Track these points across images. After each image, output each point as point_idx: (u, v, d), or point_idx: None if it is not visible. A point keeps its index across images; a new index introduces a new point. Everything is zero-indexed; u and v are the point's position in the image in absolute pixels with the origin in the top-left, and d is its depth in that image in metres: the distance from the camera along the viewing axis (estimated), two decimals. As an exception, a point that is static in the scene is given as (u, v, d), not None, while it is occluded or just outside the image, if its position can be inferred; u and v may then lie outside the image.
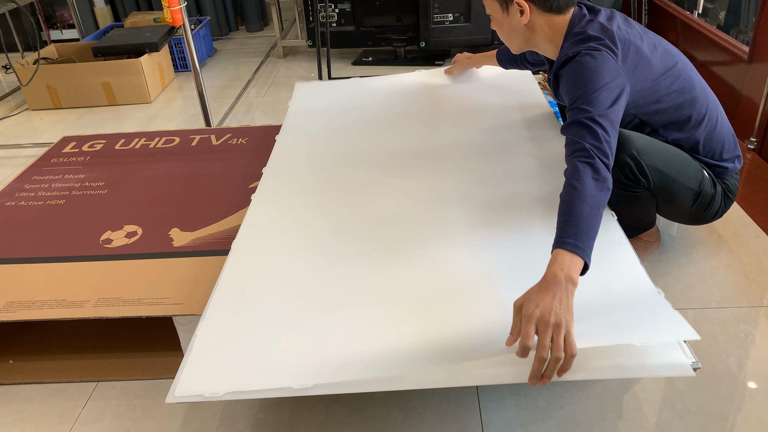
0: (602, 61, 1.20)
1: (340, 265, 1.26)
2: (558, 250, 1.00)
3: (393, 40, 3.19)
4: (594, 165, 1.09)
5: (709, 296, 1.44)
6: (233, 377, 1.00)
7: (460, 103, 1.89)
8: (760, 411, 1.15)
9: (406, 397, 1.22)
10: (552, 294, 0.95)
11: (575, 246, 0.99)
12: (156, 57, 3.04)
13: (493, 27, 1.39)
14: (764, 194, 1.82)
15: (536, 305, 0.94)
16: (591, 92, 1.16)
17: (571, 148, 1.14)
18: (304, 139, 1.81)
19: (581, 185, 1.06)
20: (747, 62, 2.11)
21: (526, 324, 0.93)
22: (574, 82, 1.21)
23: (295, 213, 1.45)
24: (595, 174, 1.08)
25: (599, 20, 1.29)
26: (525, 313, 0.94)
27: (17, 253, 1.54)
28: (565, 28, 1.30)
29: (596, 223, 1.04)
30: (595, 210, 1.04)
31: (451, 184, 1.49)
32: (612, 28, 1.26)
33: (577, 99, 1.18)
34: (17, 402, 1.30)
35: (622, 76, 1.21)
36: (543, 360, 0.93)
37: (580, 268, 0.99)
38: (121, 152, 2.08)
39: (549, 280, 0.97)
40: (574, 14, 1.31)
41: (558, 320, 0.92)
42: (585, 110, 1.15)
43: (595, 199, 1.05)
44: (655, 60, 1.29)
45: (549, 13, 1.29)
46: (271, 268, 1.27)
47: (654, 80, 1.29)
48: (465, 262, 1.22)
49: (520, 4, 1.27)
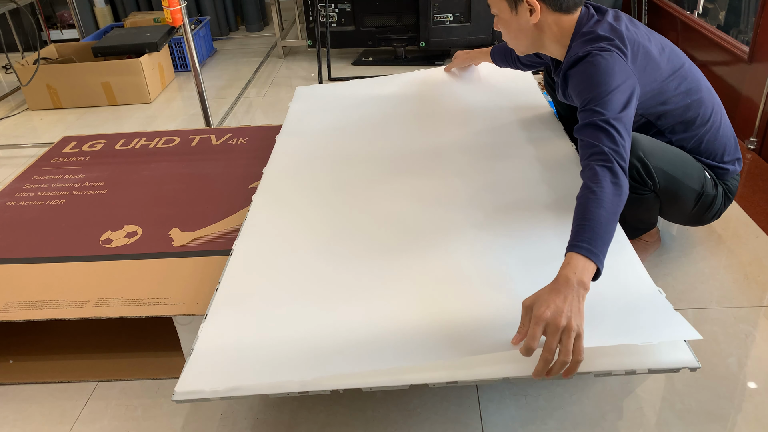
0: (613, 62, 1.19)
1: (342, 265, 1.26)
2: (572, 253, 0.99)
3: (393, 40, 3.19)
4: (613, 169, 1.08)
5: (709, 296, 1.44)
6: (236, 376, 1.00)
7: (460, 103, 1.89)
8: (760, 411, 1.15)
9: (406, 397, 1.22)
10: (563, 296, 0.94)
11: (589, 251, 0.98)
12: (156, 57, 3.04)
13: (497, 27, 1.38)
14: (764, 194, 1.82)
15: (547, 307, 0.93)
16: (604, 94, 1.16)
17: (589, 150, 1.12)
18: (305, 139, 1.81)
19: (599, 189, 1.05)
20: (747, 62, 2.11)
21: (534, 325, 0.93)
22: (586, 83, 1.20)
23: (296, 213, 1.45)
24: (614, 178, 1.07)
25: (607, 20, 1.28)
26: (535, 313, 0.94)
27: (17, 253, 1.54)
28: (573, 27, 1.30)
29: (612, 229, 1.03)
30: (612, 216, 1.04)
31: (451, 184, 1.49)
32: (621, 29, 1.26)
33: (590, 101, 1.17)
34: (17, 402, 1.30)
35: (633, 77, 1.21)
36: (548, 362, 0.93)
37: (592, 273, 0.98)
38: (121, 152, 2.08)
39: (561, 282, 0.96)
40: (582, 14, 1.30)
41: (569, 324, 0.91)
42: (599, 113, 1.14)
43: (613, 204, 1.05)
44: (662, 61, 1.29)
45: (558, 13, 1.29)
46: (272, 268, 1.27)
47: (662, 81, 1.29)
48: (467, 262, 1.22)
49: (531, 3, 1.26)
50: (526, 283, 1.11)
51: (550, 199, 1.38)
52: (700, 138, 1.35)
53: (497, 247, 1.25)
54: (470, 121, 1.78)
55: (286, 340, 1.08)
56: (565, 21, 1.30)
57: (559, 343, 0.92)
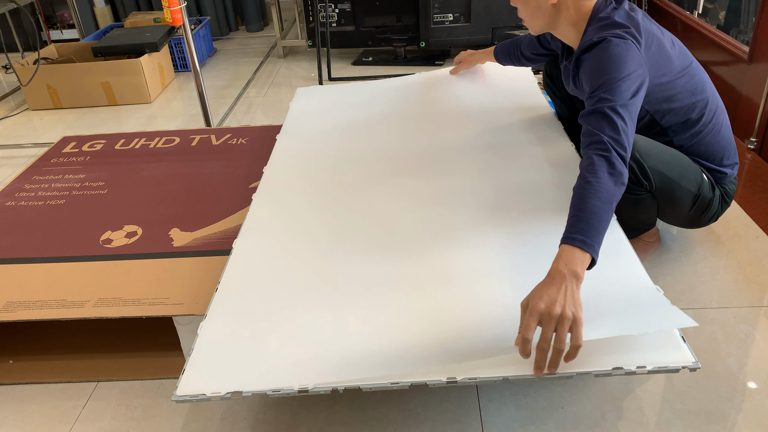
0: (627, 49, 1.19)
1: (342, 265, 1.26)
2: (565, 245, 1.00)
3: (393, 40, 3.19)
4: (610, 159, 1.08)
5: (709, 296, 1.44)
6: (235, 377, 1.00)
7: (460, 104, 1.89)
8: (760, 411, 1.15)
9: (406, 397, 1.22)
10: (557, 287, 0.95)
11: (583, 242, 0.99)
12: (156, 57, 3.04)
13: (515, 4, 1.37)
14: (764, 194, 1.82)
15: (540, 298, 0.94)
16: (614, 81, 1.15)
17: (588, 139, 1.13)
18: (305, 139, 1.81)
19: (595, 179, 1.06)
20: (747, 62, 2.11)
21: (528, 317, 0.94)
22: (597, 68, 1.20)
23: (295, 213, 1.45)
24: (611, 168, 1.07)
25: (624, 8, 1.29)
26: (530, 307, 0.95)
27: (17, 253, 1.54)
28: (590, 13, 1.30)
29: (607, 219, 1.03)
30: (607, 205, 1.04)
31: (451, 184, 1.49)
32: (637, 18, 1.27)
33: (599, 87, 1.17)
34: (17, 402, 1.30)
35: (644, 67, 1.21)
36: (544, 351, 0.93)
37: (586, 263, 0.99)
38: (121, 152, 2.08)
39: (552, 275, 0.97)
40: (599, 1, 1.31)
41: (563, 312, 0.92)
42: (606, 99, 1.14)
43: (609, 193, 1.05)
44: (674, 56, 1.29)
45: None
46: (272, 268, 1.27)
47: (672, 77, 1.29)
48: (467, 263, 1.22)
49: None
50: (527, 283, 1.11)
51: (551, 199, 1.38)
52: (701, 139, 1.35)
53: (497, 248, 1.25)
54: (470, 121, 1.78)
55: (286, 340, 1.08)
56: (583, 5, 1.30)
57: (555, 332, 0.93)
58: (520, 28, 2.95)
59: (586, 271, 0.99)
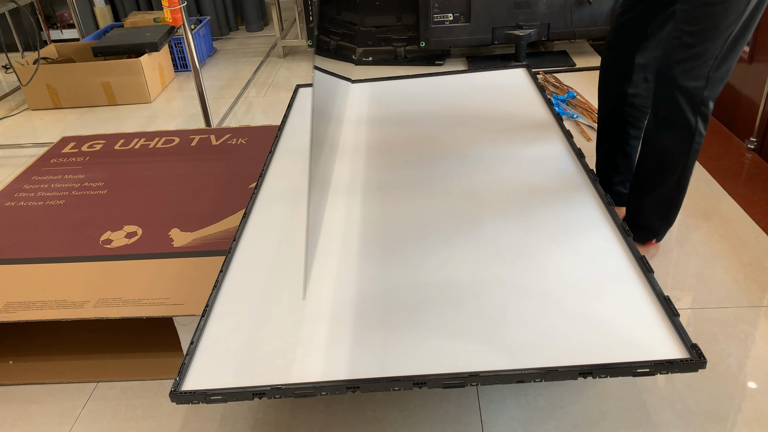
0: None
1: (341, 264, 1.26)
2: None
3: (393, 40, 3.19)
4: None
5: (709, 296, 1.44)
6: (236, 376, 1.00)
7: (460, 104, 1.89)
8: (760, 411, 1.15)
9: (406, 397, 1.22)
10: None
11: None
12: (156, 57, 3.04)
13: None
14: (764, 194, 1.82)
15: None
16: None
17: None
18: (305, 138, 1.81)
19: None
20: (747, 62, 2.11)
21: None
22: None
23: (295, 213, 1.45)
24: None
25: None
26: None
27: (17, 253, 1.54)
28: None
29: None
30: None
31: (452, 185, 1.49)
32: None
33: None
34: (17, 402, 1.30)
35: None
36: None
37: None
38: (121, 152, 2.08)
39: None
40: None
41: None
42: None
43: None
44: None
45: None
46: (272, 268, 1.27)
47: None
48: (468, 263, 1.22)
49: None
50: (528, 284, 1.11)
51: (553, 200, 1.37)
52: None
53: (499, 248, 1.25)
54: (470, 121, 1.78)
55: (286, 339, 1.08)
56: None
57: None
58: (520, 28, 2.96)
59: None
